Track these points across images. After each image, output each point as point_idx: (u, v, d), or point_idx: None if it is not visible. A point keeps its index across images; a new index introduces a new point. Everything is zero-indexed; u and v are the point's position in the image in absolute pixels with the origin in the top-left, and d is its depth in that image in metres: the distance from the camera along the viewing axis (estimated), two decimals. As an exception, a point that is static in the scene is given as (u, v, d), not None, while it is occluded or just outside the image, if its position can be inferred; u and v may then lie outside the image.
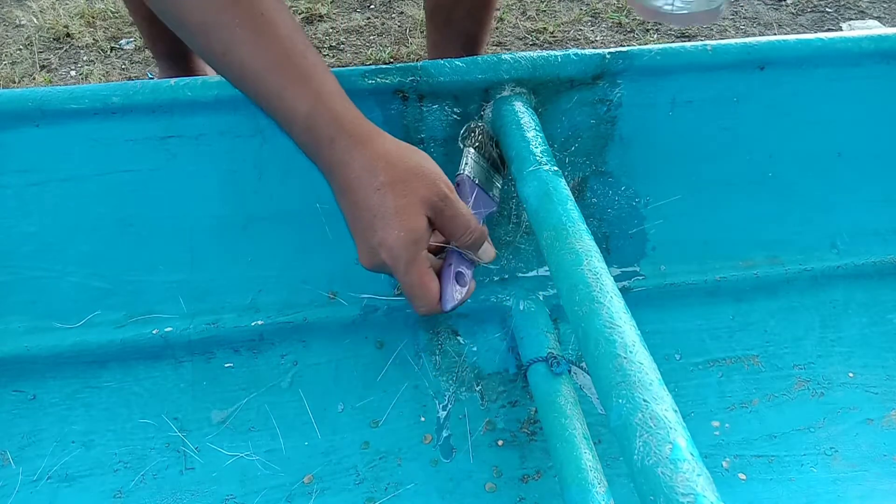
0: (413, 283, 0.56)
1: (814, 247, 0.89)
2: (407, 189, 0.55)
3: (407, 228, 0.54)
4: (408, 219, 0.54)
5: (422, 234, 0.55)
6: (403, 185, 0.54)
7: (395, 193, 0.54)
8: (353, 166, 0.54)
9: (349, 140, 0.54)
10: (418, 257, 0.56)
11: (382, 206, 0.54)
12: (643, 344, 0.48)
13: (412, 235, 0.55)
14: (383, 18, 1.69)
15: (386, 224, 0.54)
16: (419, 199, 0.55)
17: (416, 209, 0.55)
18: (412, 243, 0.55)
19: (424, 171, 0.56)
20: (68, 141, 0.71)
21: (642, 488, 0.41)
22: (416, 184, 0.55)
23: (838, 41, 0.80)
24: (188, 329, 0.77)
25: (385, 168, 0.54)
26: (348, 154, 0.54)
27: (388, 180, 0.54)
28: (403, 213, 0.54)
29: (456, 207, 0.58)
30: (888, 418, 0.82)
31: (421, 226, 0.55)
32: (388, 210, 0.54)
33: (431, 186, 0.56)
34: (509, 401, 0.80)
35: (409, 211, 0.55)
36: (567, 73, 0.74)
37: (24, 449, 0.73)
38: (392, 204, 0.54)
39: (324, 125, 0.54)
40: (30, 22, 1.62)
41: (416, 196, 0.55)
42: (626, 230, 0.85)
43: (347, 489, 0.74)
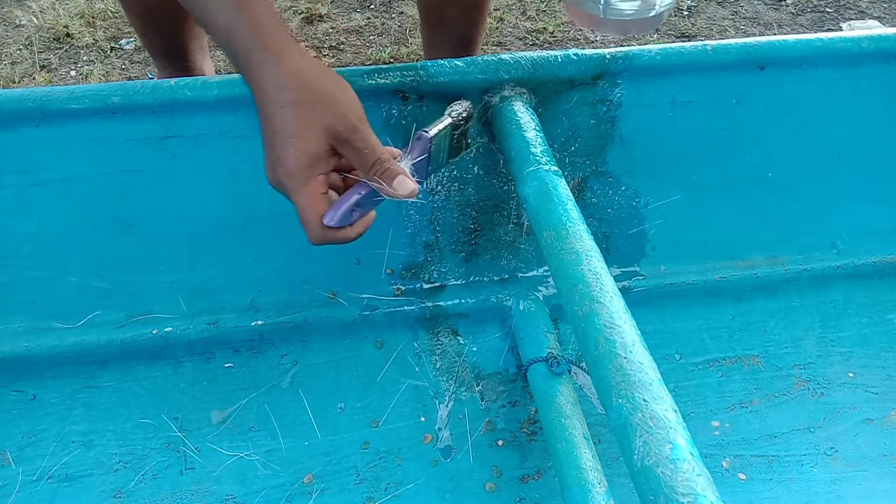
0: (302, 205, 0.55)
1: (814, 247, 0.89)
2: (312, 111, 0.54)
3: (302, 150, 0.54)
4: (306, 141, 0.54)
5: (318, 157, 0.54)
6: (309, 106, 0.54)
7: (297, 114, 0.54)
8: (265, 81, 0.54)
9: (263, 54, 0.54)
10: (311, 180, 0.55)
11: (284, 124, 0.54)
12: (643, 344, 0.48)
13: (306, 158, 0.54)
14: (383, 18, 1.69)
15: (285, 142, 0.54)
16: (323, 123, 0.54)
17: (316, 133, 0.54)
18: (306, 166, 0.54)
19: (335, 98, 0.55)
20: (68, 141, 0.71)
21: (642, 488, 0.41)
22: (323, 108, 0.54)
23: (838, 41, 0.80)
24: (188, 329, 0.77)
25: (295, 87, 0.54)
26: (262, 68, 0.54)
27: (294, 99, 0.54)
28: (302, 135, 0.54)
29: (365, 140, 0.56)
30: (888, 418, 0.82)
31: (319, 149, 0.54)
32: (288, 129, 0.54)
33: (339, 115, 0.55)
34: (509, 401, 0.80)
35: (309, 133, 0.54)
36: (567, 73, 0.74)
37: (24, 449, 0.73)
38: (293, 125, 0.54)
39: (241, 38, 0.54)
40: (30, 22, 1.62)
41: (319, 120, 0.54)
42: (626, 230, 0.85)
43: (347, 489, 0.74)
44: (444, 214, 0.80)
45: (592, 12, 0.74)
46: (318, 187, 0.55)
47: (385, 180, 0.57)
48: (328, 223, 0.55)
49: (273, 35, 0.55)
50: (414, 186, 0.58)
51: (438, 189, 0.79)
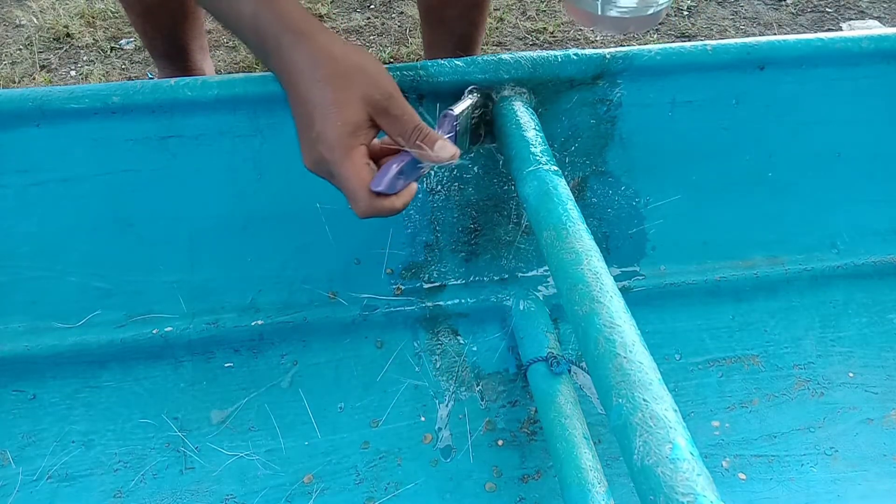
0: (347, 176, 0.55)
1: (814, 247, 0.89)
2: (348, 82, 0.54)
3: (343, 120, 0.54)
4: (346, 111, 0.54)
5: (359, 126, 0.55)
6: (344, 78, 0.54)
7: (334, 86, 0.54)
8: (297, 61, 0.55)
9: (293, 36, 0.55)
10: (354, 150, 0.55)
11: (323, 97, 0.54)
12: (643, 344, 0.48)
13: (348, 128, 0.54)
14: (383, 18, 1.69)
15: (324, 115, 0.54)
16: (360, 93, 0.55)
17: (355, 103, 0.55)
18: (348, 135, 0.54)
19: (368, 69, 0.56)
20: (68, 141, 0.71)
21: (642, 488, 0.41)
22: (358, 78, 0.55)
23: (838, 41, 0.80)
24: (188, 329, 0.77)
25: (327, 62, 0.54)
26: (293, 50, 0.55)
27: (330, 73, 0.54)
28: (342, 105, 0.54)
29: (401, 106, 0.57)
30: (888, 418, 0.82)
31: (359, 118, 0.55)
32: (327, 101, 0.54)
33: (374, 84, 0.55)
34: (509, 401, 0.80)
35: (348, 103, 0.54)
36: (567, 73, 0.74)
37: (24, 449, 0.73)
38: (331, 96, 0.54)
39: (268, 24, 0.55)
40: (30, 22, 1.62)
41: (356, 90, 0.55)
42: (626, 230, 0.85)
43: (347, 489, 0.74)
44: (444, 214, 0.80)
45: (590, 10, 0.74)
46: (361, 157, 0.55)
47: (427, 145, 0.57)
48: (376, 188, 0.55)
49: (300, 18, 0.56)
50: (455, 150, 0.59)
51: (438, 189, 0.79)
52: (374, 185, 0.55)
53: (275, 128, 0.73)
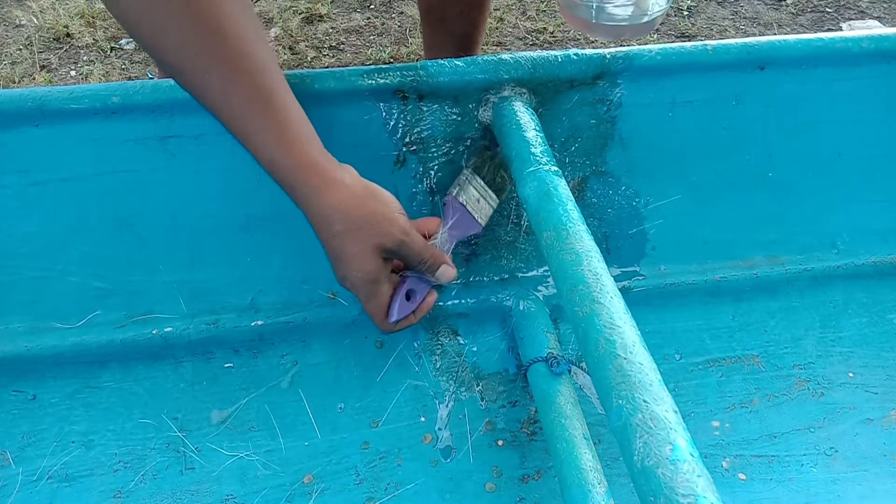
0: (373, 312, 0.65)
1: (814, 247, 0.89)
2: (362, 236, 0.60)
3: (363, 271, 0.61)
4: (363, 263, 0.61)
5: (377, 274, 0.62)
6: (358, 232, 0.60)
7: (350, 241, 0.60)
8: (313, 213, 0.59)
9: (307, 189, 0.58)
10: (378, 291, 0.64)
11: (341, 251, 0.60)
12: (643, 344, 0.48)
13: (368, 276, 0.62)
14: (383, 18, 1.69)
15: (345, 265, 0.61)
16: (373, 245, 0.60)
17: (370, 254, 0.61)
18: (370, 283, 0.62)
19: (379, 219, 0.61)
20: (68, 141, 0.71)
21: (642, 489, 0.41)
22: (371, 231, 0.60)
23: (838, 41, 0.80)
24: (188, 329, 0.77)
25: (340, 219, 0.59)
26: (307, 202, 0.59)
27: (343, 229, 0.59)
28: (359, 258, 0.61)
29: (410, 247, 0.63)
30: (888, 418, 0.82)
31: (376, 268, 0.62)
32: (345, 255, 0.60)
33: (385, 233, 0.61)
34: (509, 401, 0.80)
35: (364, 256, 0.61)
36: (567, 73, 0.74)
37: (24, 449, 0.73)
38: (348, 250, 0.60)
39: (284, 172, 0.58)
40: (30, 22, 1.62)
41: (370, 243, 0.60)
42: (626, 230, 0.85)
43: (347, 489, 0.74)
44: (444, 214, 0.80)
45: (585, 17, 0.74)
46: (383, 296, 0.65)
47: (433, 271, 0.68)
48: (392, 322, 0.67)
49: (314, 169, 0.59)
50: (453, 273, 0.69)
51: (438, 189, 0.79)
52: (390, 320, 0.66)
53: (275, 128, 0.73)
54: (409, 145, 0.76)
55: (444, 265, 0.68)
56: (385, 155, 0.76)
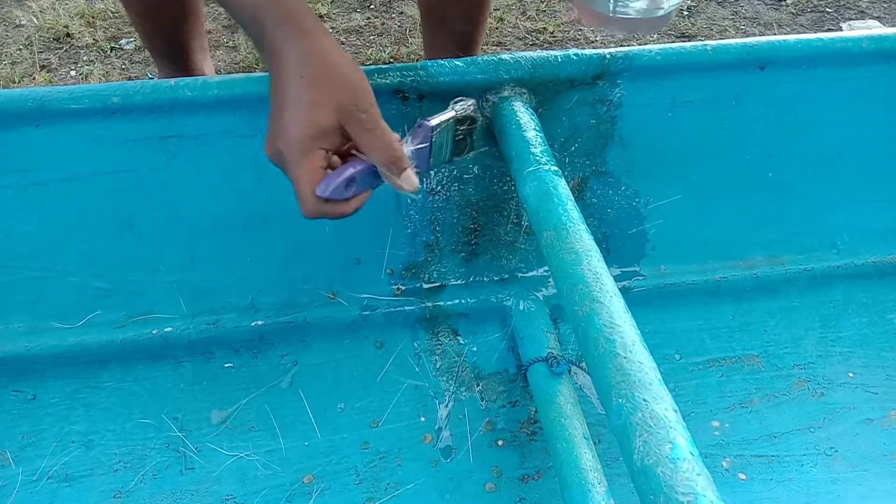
0: (298, 176, 0.56)
1: (814, 247, 0.89)
2: (327, 87, 0.55)
3: (311, 121, 0.54)
4: (316, 112, 0.54)
5: (325, 131, 0.55)
6: (326, 82, 0.55)
7: (315, 86, 0.55)
8: (289, 54, 0.55)
9: (289, 28, 0.56)
10: (312, 153, 0.55)
11: (299, 94, 0.55)
12: (643, 344, 0.48)
13: (313, 130, 0.55)
14: (383, 18, 1.69)
15: (294, 112, 0.55)
16: (335, 100, 0.55)
17: (327, 108, 0.55)
18: (310, 137, 0.55)
19: (353, 79, 0.56)
20: (68, 141, 0.71)
21: (642, 488, 0.41)
22: (339, 86, 0.55)
23: (838, 41, 0.80)
24: (188, 329, 0.77)
25: (317, 62, 0.55)
26: (287, 42, 0.55)
27: (314, 73, 0.55)
28: (314, 107, 0.54)
29: (376, 121, 0.57)
30: (888, 418, 0.82)
31: (327, 123, 0.55)
32: (301, 100, 0.54)
33: (353, 95, 0.56)
34: (509, 401, 0.80)
35: (321, 106, 0.55)
36: (567, 73, 0.74)
37: (24, 449, 0.73)
38: (308, 96, 0.54)
39: (268, 13, 0.56)
40: (30, 22, 1.62)
41: (333, 96, 0.55)
42: (626, 230, 0.85)
43: (347, 489, 0.74)
44: (444, 214, 0.80)
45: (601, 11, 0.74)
46: (317, 161, 0.56)
47: (394, 171, 0.58)
48: (320, 194, 0.55)
49: (302, 13, 0.57)
50: (416, 183, 0.60)
51: (438, 189, 0.79)
52: (318, 191, 0.55)
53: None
54: (409, 145, 0.76)
55: (409, 169, 0.59)
56: (385, 155, 0.76)
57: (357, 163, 0.58)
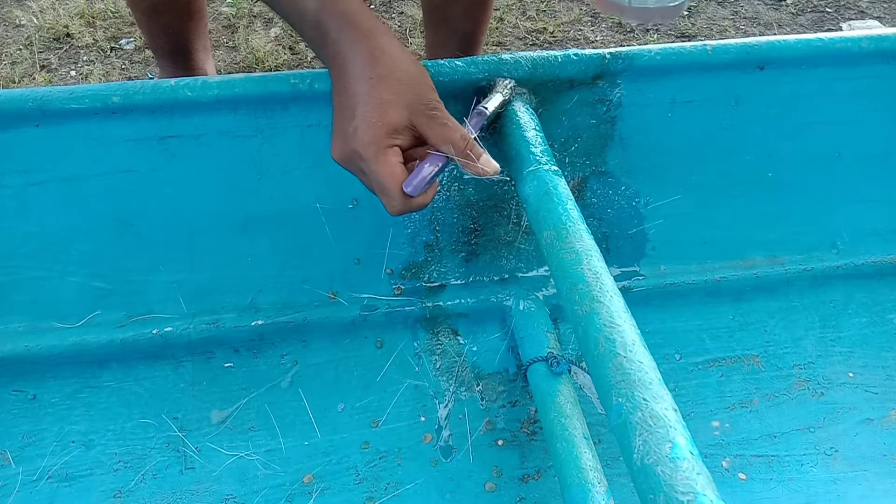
0: (382, 174, 0.56)
1: (814, 247, 0.89)
2: (398, 87, 0.56)
3: (384, 121, 0.55)
4: (389, 112, 0.56)
5: (398, 130, 0.56)
6: (397, 82, 0.56)
7: (385, 86, 0.56)
8: (355, 57, 0.56)
9: (355, 33, 0.56)
10: (390, 150, 0.56)
11: (370, 95, 0.55)
12: (643, 343, 0.48)
13: (387, 128, 0.56)
14: (383, 18, 1.69)
15: (367, 112, 0.55)
16: (406, 99, 0.56)
17: (399, 107, 0.56)
18: (385, 135, 0.56)
19: (420, 79, 0.57)
20: (68, 141, 0.71)
21: (642, 487, 0.41)
22: (409, 86, 0.56)
23: (838, 41, 0.80)
24: (188, 329, 0.77)
25: (385, 63, 0.56)
26: (352, 46, 0.56)
27: (383, 74, 0.56)
28: (386, 106, 0.55)
29: (445, 116, 0.58)
30: (888, 418, 0.82)
31: (400, 122, 0.56)
32: (373, 99, 0.55)
33: (422, 93, 0.57)
34: (509, 401, 0.80)
35: (393, 106, 0.56)
36: (567, 73, 0.74)
37: (24, 449, 0.73)
38: (379, 96, 0.55)
39: (331, 19, 0.56)
40: (30, 22, 1.62)
41: (404, 95, 0.56)
42: (626, 230, 0.85)
43: (347, 489, 0.74)
44: (444, 214, 0.80)
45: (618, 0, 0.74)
46: (395, 157, 0.57)
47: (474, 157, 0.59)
48: (410, 192, 0.57)
49: (364, 15, 0.57)
50: (497, 165, 0.60)
51: (438, 189, 0.79)
52: (408, 189, 0.57)
53: (275, 128, 0.73)
54: (409, 145, 0.76)
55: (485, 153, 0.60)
56: (385, 155, 0.76)
57: (436, 158, 0.59)
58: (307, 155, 0.75)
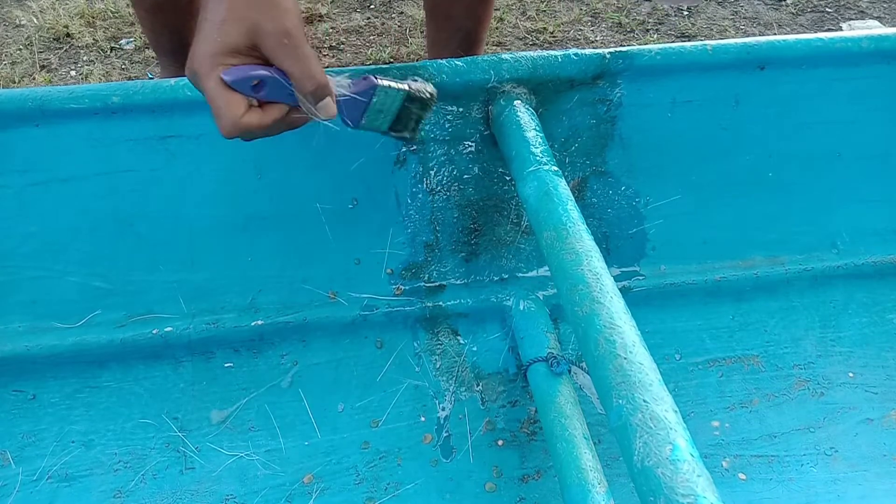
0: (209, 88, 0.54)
1: (814, 247, 0.89)
2: (244, 7, 0.54)
3: (222, 39, 0.54)
4: (228, 31, 0.54)
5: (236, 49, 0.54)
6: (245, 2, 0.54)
7: (229, 7, 0.54)
8: None
9: None
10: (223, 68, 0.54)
11: (215, 13, 0.54)
12: (643, 344, 0.48)
13: (223, 47, 0.54)
14: (383, 18, 1.69)
15: (209, 31, 0.54)
16: (251, 21, 0.54)
17: (240, 28, 0.54)
18: (221, 53, 0.54)
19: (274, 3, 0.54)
20: (68, 141, 0.71)
21: (642, 489, 0.41)
22: (258, 7, 0.54)
23: (838, 41, 0.80)
24: (188, 329, 0.77)
25: None
26: None
27: None
28: (226, 26, 0.54)
29: (301, 47, 0.55)
30: (888, 418, 0.82)
31: (237, 42, 0.54)
32: (215, 18, 0.54)
33: (272, 17, 0.54)
34: (509, 401, 0.80)
35: (233, 27, 0.54)
36: (567, 73, 0.74)
37: (24, 449, 0.73)
38: (221, 16, 0.54)
39: None
40: (30, 22, 1.62)
41: (249, 17, 0.54)
42: (626, 230, 0.85)
43: (347, 489, 0.74)
44: (444, 214, 0.80)
45: None
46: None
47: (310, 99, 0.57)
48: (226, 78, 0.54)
49: None
50: (334, 111, 0.58)
51: (438, 189, 0.79)
52: (223, 73, 0.54)
53: (275, 128, 0.73)
54: (410, 145, 0.76)
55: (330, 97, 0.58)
56: (385, 155, 0.76)
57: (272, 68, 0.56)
58: (307, 155, 0.75)
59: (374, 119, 0.65)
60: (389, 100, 0.65)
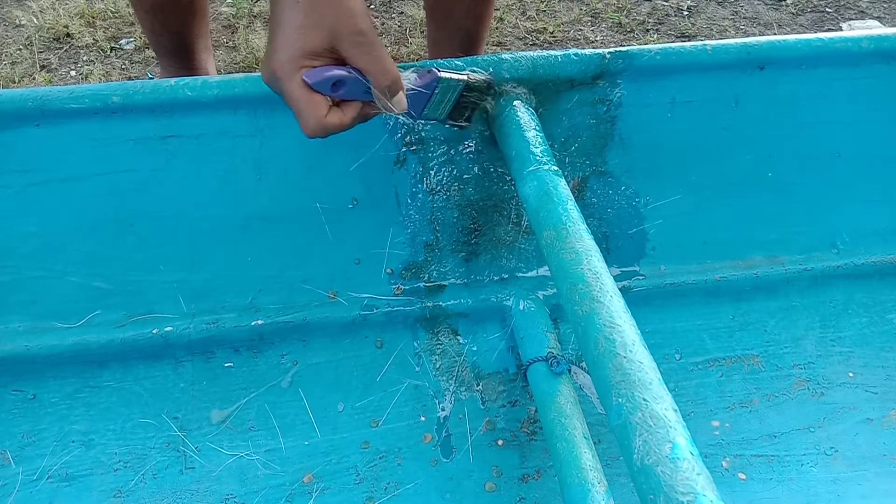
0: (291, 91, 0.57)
1: (814, 247, 0.89)
2: (322, 11, 0.55)
3: (302, 42, 0.55)
4: (308, 34, 0.55)
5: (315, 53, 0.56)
6: (322, 7, 0.55)
7: (306, 12, 0.55)
8: None
9: None
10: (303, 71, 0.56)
11: (292, 19, 0.55)
12: (643, 343, 0.48)
13: (304, 50, 0.56)
14: (383, 18, 1.69)
15: (288, 35, 0.56)
16: (328, 24, 0.56)
17: (318, 32, 0.56)
18: (301, 56, 0.56)
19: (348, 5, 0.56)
20: (68, 141, 0.71)
21: (642, 487, 0.41)
22: (334, 11, 0.56)
23: (838, 41, 0.80)
24: (188, 329, 0.77)
25: None
26: None
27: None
28: (307, 30, 0.55)
29: (372, 43, 0.58)
30: (888, 418, 0.82)
31: (317, 46, 0.56)
32: (294, 24, 0.55)
33: (347, 20, 0.56)
34: (509, 400, 0.80)
35: (313, 30, 0.56)
36: (567, 73, 0.74)
37: (24, 449, 0.73)
38: (300, 20, 0.55)
39: None
40: (30, 22, 1.62)
41: (325, 21, 0.56)
42: (626, 230, 0.85)
43: (347, 489, 0.74)
44: (444, 214, 0.81)
45: None
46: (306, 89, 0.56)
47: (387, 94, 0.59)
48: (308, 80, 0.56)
49: None
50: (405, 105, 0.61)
51: (438, 189, 0.79)
52: (305, 75, 0.56)
53: (275, 128, 0.73)
54: (410, 145, 0.76)
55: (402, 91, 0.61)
56: (385, 155, 0.76)
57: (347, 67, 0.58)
58: (307, 155, 0.75)
59: (435, 109, 0.68)
60: (450, 90, 0.68)
